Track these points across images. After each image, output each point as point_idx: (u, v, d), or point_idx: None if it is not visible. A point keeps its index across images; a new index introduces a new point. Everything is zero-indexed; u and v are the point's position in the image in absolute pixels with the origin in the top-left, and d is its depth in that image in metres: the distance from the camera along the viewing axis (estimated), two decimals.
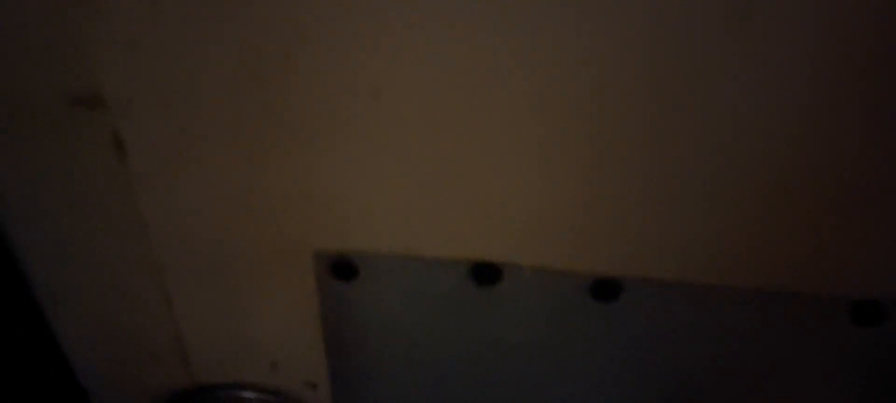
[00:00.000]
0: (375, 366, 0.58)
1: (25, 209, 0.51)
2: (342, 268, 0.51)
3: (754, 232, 0.46)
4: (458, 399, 0.59)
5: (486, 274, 0.50)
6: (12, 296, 0.56)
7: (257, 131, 0.45)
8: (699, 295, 0.49)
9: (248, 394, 0.61)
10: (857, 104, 0.40)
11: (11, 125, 0.46)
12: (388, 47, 0.40)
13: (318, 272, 0.52)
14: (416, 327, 0.54)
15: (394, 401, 0.60)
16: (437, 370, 0.58)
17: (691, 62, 0.39)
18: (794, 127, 0.41)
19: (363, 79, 0.42)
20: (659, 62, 0.39)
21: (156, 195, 0.49)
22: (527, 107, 0.42)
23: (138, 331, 0.58)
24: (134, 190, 0.49)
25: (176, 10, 0.40)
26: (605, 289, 0.50)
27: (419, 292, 0.52)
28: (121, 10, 0.41)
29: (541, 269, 0.49)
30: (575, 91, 0.41)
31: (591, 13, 0.38)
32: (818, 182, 0.43)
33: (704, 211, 0.45)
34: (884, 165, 0.42)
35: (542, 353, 0.55)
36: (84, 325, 0.59)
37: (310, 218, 0.49)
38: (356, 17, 0.40)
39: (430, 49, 0.40)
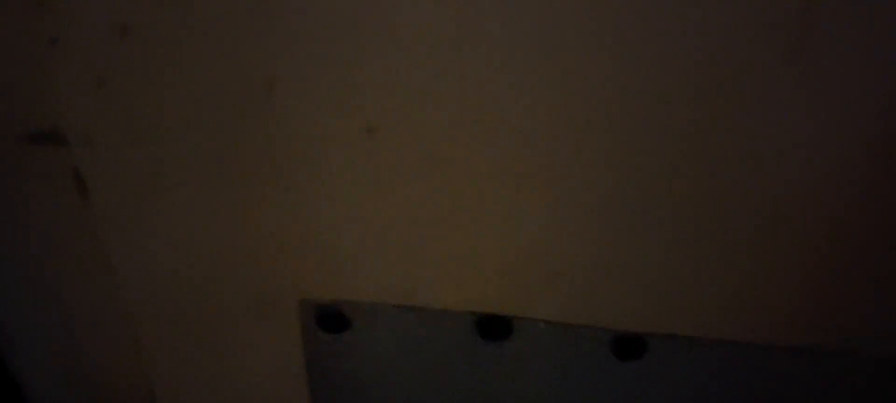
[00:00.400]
0: None
1: None
2: (331, 319, 0.50)
3: (794, 285, 0.45)
4: None
5: (494, 328, 0.49)
6: None
7: (236, 167, 0.44)
8: (732, 353, 0.48)
9: None
10: None
11: None
12: (384, 78, 0.40)
13: (303, 322, 0.50)
14: (414, 387, 0.53)
15: None
16: None
17: (726, 101, 0.39)
18: (839, 175, 0.40)
19: (356, 112, 0.41)
20: (692, 100, 0.39)
21: (123, 237, 0.49)
22: (540, 143, 0.41)
23: (106, 384, 0.57)
24: (98, 231, 0.48)
25: (147, 41, 0.40)
26: (627, 347, 0.49)
27: (418, 347, 0.51)
28: (87, 44, 0.41)
29: (556, 324, 0.48)
30: (595, 127, 0.40)
31: (612, 45, 0.38)
32: (864, 234, 0.42)
33: (740, 261, 0.44)
34: None
35: None
36: (46, 375, 0.58)
37: (294, 262, 0.48)
38: (347, 43, 0.39)
39: (431, 81, 0.40)
